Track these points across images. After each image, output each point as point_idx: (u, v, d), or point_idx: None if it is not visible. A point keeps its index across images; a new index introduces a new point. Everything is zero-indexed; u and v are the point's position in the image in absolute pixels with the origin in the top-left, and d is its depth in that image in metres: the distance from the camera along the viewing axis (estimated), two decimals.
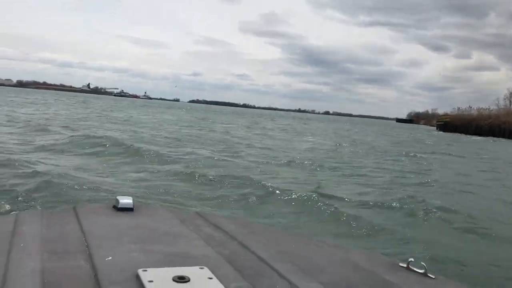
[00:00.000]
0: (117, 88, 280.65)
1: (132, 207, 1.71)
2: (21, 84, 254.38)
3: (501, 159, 24.72)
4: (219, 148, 17.26)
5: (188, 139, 20.02)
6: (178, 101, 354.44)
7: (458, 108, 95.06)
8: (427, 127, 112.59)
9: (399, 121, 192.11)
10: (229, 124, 39.88)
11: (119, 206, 1.69)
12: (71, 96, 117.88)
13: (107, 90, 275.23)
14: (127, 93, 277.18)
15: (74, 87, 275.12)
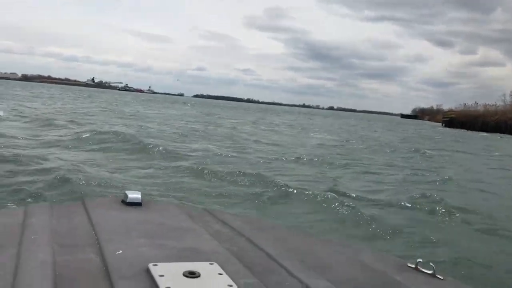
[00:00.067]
0: (121, 83, 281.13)
1: (140, 202, 1.70)
2: (26, 78, 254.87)
3: (511, 156, 24.45)
4: (226, 144, 17.11)
5: (195, 134, 19.87)
6: (182, 95, 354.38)
7: (464, 104, 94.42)
8: (432, 123, 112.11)
9: (403, 116, 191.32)
10: (235, 120, 39.64)
11: (127, 201, 1.69)
12: (76, 90, 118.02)
13: (111, 84, 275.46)
14: (132, 87, 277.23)
15: (79, 81, 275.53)
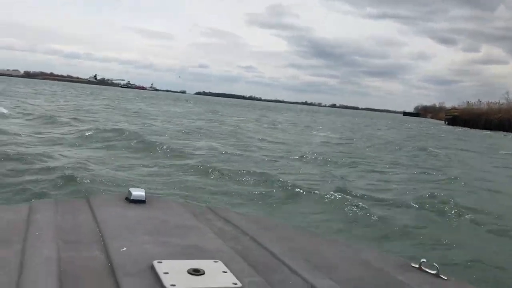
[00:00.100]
0: (123, 80, 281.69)
1: (144, 199, 1.71)
2: (28, 75, 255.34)
3: None
4: (230, 142, 17.02)
5: (199, 132, 19.78)
6: (184, 93, 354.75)
7: (467, 102, 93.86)
8: (434, 120, 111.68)
9: (406, 114, 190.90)
10: (238, 117, 39.55)
11: (131, 198, 1.69)
12: (78, 87, 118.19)
13: (113, 81, 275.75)
14: (134, 84, 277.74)
15: (81, 78, 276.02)
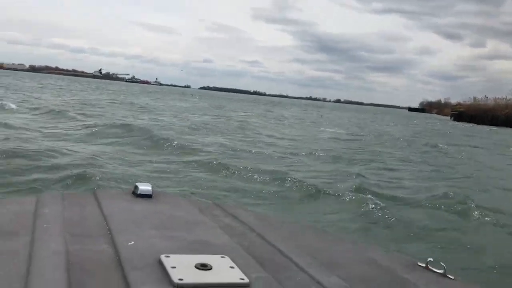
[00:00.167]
0: (128, 74, 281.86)
1: (151, 194, 1.70)
2: (33, 69, 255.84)
3: None
4: (238, 138, 16.86)
5: (206, 127, 19.61)
6: (188, 87, 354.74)
7: (474, 97, 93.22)
8: (440, 116, 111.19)
9: (411, 110, 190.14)
10: (244, 112, 39.35)
11: (138, 193, 1.69)
12: (83, 81, 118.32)
13: (118, 76, 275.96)
14: (139, 79, 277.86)
15: (86, 73, 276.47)
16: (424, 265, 1.32)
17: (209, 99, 78.81)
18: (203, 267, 1.06)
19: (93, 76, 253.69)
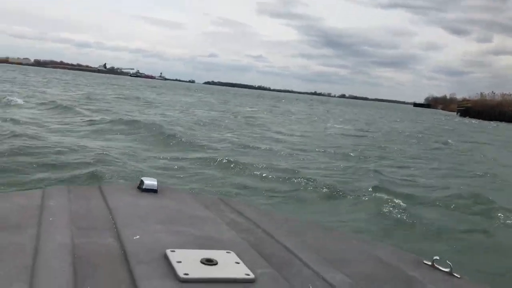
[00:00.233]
0: (133, 69, 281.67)
1: (156, 188, 1.70)
2: (38, 63, 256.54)
3: None
4: (246, 133, 16.69)
5: (214, 123, 19.42)
6: (193, 82, 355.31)
7: (480, 93, 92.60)
8: (446, 112, 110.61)
9: (416, 105, 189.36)
10: (251, 108, 39.18)
11: (143, 187, 1.69)
12: (88, 76, 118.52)
13: (123, 70, 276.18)
14: (143, 73, 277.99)
15: (91, 67, 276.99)
16: (430, 263, 1.31)
17: (214, 94, 78.69)
18: (209, 262, 1.06)
19: (97, 70, 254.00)
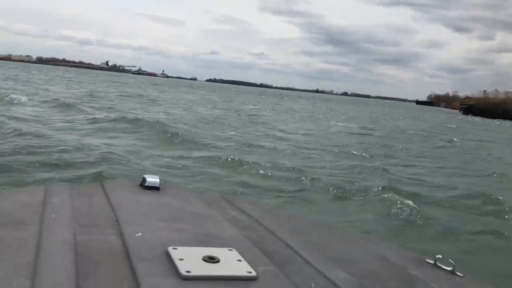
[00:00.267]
0: (135, 66, 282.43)
1: (158, 186, 1.70)
2: (40, 61, 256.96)
3: None
4: (250, 131, 16.61)
5: (217, 121, 19.35)
6: (195, 79, 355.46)
7: (484, 91, 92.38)
8: (448, 110, 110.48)
9: (419, 103, 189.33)
10: (254, 106, 39.13)
11: (146, 185, 1.69)
12: (90, 73, 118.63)
13: (125, 68, 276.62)
14: (145, 71, 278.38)
15: (93, 64, 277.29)
16: (432, 261, 1.30)
17: (216, 91, 78.59)
18: (211, 259, 1.05)
19: (100, 68, 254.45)
